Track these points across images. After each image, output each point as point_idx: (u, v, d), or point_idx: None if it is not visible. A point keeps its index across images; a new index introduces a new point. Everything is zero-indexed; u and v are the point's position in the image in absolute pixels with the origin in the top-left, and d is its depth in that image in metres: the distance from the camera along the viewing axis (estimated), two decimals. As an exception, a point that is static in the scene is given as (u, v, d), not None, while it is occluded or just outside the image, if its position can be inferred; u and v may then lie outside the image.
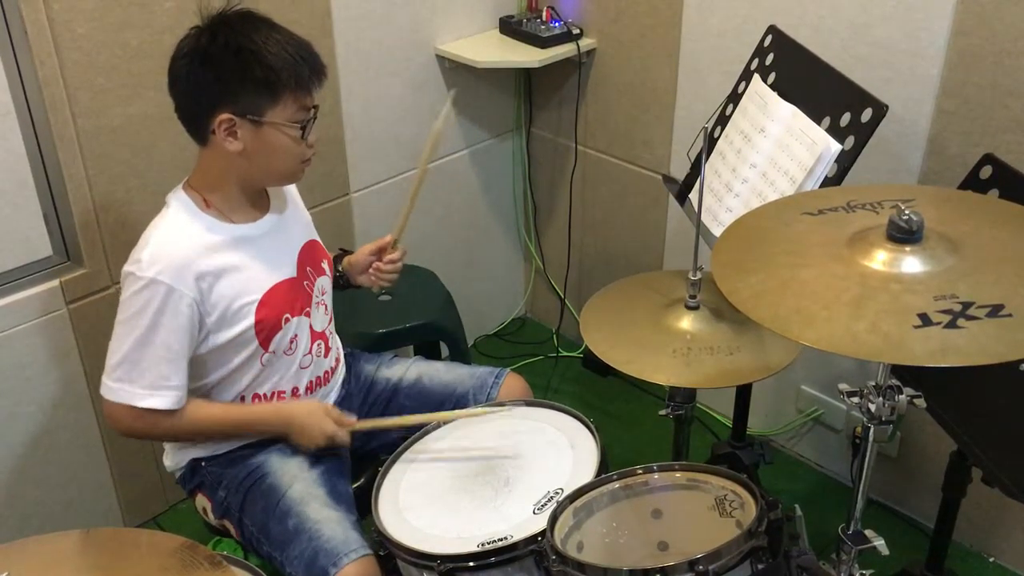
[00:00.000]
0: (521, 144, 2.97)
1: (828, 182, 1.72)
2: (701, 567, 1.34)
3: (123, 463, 2.34)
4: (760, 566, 1.40)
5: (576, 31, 2.62)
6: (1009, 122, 1.93)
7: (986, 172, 1.71)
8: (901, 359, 1.17)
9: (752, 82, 1.95)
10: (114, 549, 1.38)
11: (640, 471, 1.59)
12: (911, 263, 1.29)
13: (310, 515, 1.66)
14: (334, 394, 1.89)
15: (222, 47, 1.55)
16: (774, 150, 1.83)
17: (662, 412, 1.89)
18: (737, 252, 1.43)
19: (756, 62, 2.00)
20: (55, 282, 2.09)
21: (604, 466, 1.64)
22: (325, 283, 1.84)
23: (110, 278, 2.15)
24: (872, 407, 1.48)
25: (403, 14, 2.50)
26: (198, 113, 1.59)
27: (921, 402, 1.50)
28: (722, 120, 2.04)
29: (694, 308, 1.80)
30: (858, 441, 1.55)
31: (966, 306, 1.21)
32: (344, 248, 2.01)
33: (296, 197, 1.86)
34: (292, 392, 1.78)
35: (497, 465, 1.71)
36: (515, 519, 1.57)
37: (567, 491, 1.56)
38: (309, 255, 1.80)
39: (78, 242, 2.09)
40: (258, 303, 1.67)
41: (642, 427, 2.73)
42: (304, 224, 1.85)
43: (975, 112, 1.98)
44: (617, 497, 1.58)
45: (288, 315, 1.72)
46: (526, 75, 2.86)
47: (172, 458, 1.83)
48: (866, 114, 1.69)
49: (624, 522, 1.57)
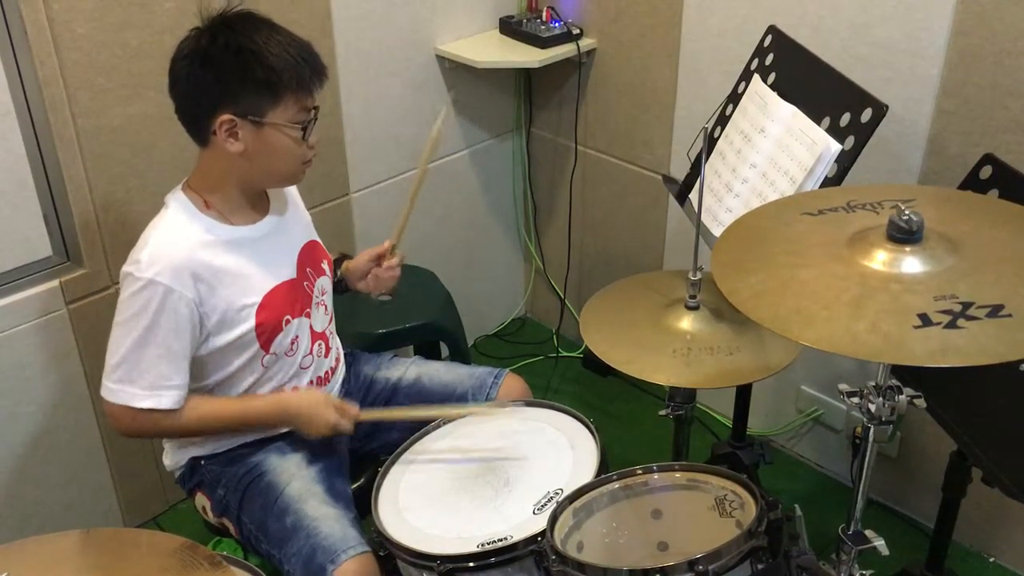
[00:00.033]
0: (521, 144, 2.97)
1: (828, 182, 1.72)
2: (701, 567, 1.34)
3: (123, 463, 2.34)
4: (760, 566, 1.40)
5: (576, 31, 2.62)
6: (1009, 122, 1.93)
7: (986, 172, 1.71)
8: (901, 359, 1.17)
9: (752, 82, 1.95)
10: (114, 549, 1.38)
11: (640, 471, 1.60)
12: (911, 263, 1.29)
13: (308, 512, 1.66)
14: (334, 394, 1.89)
15: (223, 48, 1.54)
16: (774, 150, 1.83)
17: (662, 412, 1.89)
18: (737, 252, 1.43)
19: (756, 62, 2.00)
20: (55, 282, 2.09)
21: (604, 466, 1.64)
22: (325, 283, 1.84)
23: (110, 278, 2.15)
24: (872, 407, 1.48)
25: (403, 14, 2.50)
26: (199, 114, 1.59)
27: (921, 402, 1.50)
28: (722, 120, 2.04)
29: (694, 308, 1.80)
30: (858, 441, 1.55)
31: (966, 306, 1.21)
32: (344, 253, 2.00)
33: (296, 198, 1.86)
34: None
35: (497, 465, 1.71)
36: (515, 519, 1.57)
37: (567, 491, 1.56)
38: (309, 256, 1.80)
39: (78, 242, 2.09)
40: (258, 306, 1.67)
41: (642, 427, 2.73)
42: (304, 225, 1.85)
43: (975, 112, 1.98)
44: (617, 497, 1.58)
45: (289, 316, 1.71)
46: (526, 75, 2.86)
47: (171, 457, 1.83)
48: (866, 114, 1.69)
49: (624, 522, 1.57)
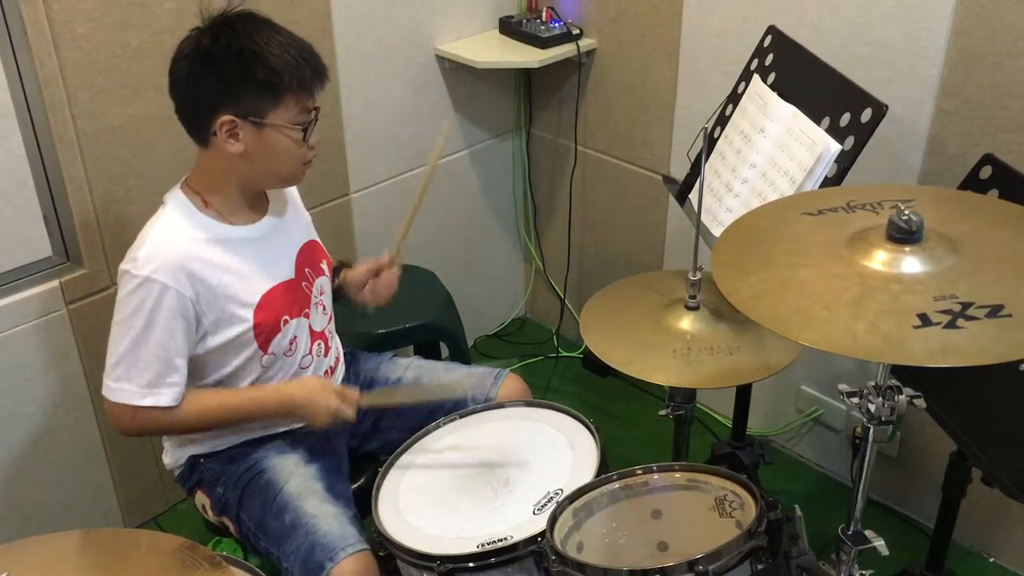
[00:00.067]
0: (521, 144, 2.97)
1: (828, 182, 1.72)
2: (701, 567, 1.34)
3: (123, 463, 2.34)
4: (760, 566, 1.40)
5: (576, 31, 2.62)
6: (1009, 122, 1.93)
7: (986, 172, 1.71)
8: (901, 359, 1.17)
9: (752, 82, 1.95)
10: (114, 549, 1.38)
11: (640, 471, 1.60)
12: (911, 263, 1.29)
13: (307, 510, 1.66)
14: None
15: (224, 48, 1.54)
16: (774, 150, 1.83)
17: (662, 412, 1.89)
18: (737, 252, 1.42)
19: (756, 62, 2.00)
20: (55, 282, 2.09)
21: (604, 466, 1.64)
22: (324, 283, 1.83)
23: (110, 278, 2.15)
24: (872, 407, 1.48)
25: (403, 14, 2.50)
26: (199, 114, 1.59)
27: (921, 402, 1.50)
28: (722, 120, 2.04)
29: (694, 308, 1.80)
30: (858, 441, 1.55)
31: (966, 306, 1.21)
32: (343, 261, 1.99)
33: (296, 198, 1.86)
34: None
35: (497, 465, 1.71)
36: (515, 519, 1.57)
37: (567, 491, 1.56)
38: (308, 256, 1.80)
39: (78, 242, 2.09)
40: (256, 307, 1.67)
41: (642, 427, 2.73)
42: (303, 225, 1.85)
43: (975, 112, 1.97)
44: (617, 497, 1.58)
45: (287, 317, 1.71)
46: (526, 75, 2.85)
47: (171, 456, 1.83)
48: (866, 114, 1.69)
49: (624, 522, 1.57)
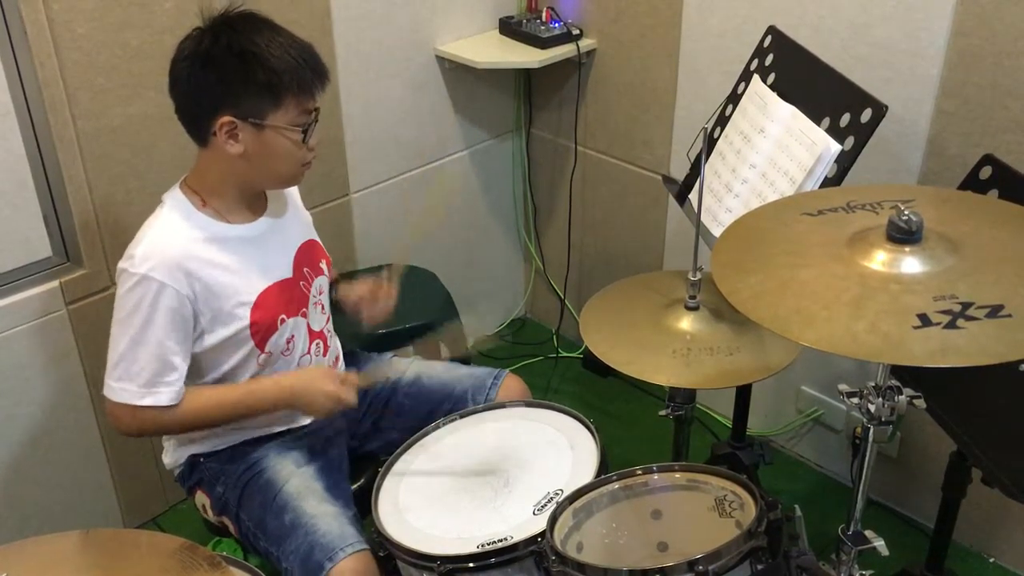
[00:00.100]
0: (521, 145, 2.97)
1: (828, 182, 1.72)
2: (701, 567, 1.34)
3: (123, 464, 2.34)
4: (760, 566, 1.40)
5: (576, 31, 2.62)
6: (1009, 122, 1.93)
7: (986, 172, 1.70)
8: (901, 359, 1.17)
9: (752, 83, 1.95)
10: (114, 550, 1.38)
11: (640, 472, 1.60)
12: (911, 263, 1.29)
13: (307, 510, 1.66)
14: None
15: (224, 49, 1.54)
16: (774, 151, 1.83)
17: (662, 413, 1.89)
18: (737, 252, 1.42)
19: (756, 63, 2.00)
20: (55, 283, 2.09)
21: (604, 467, 1.64)
22: (323, 283, 1.83)
23: (110, 279, 2.15)
24: (872, 408, 1.48)
25: (403, 14, 2.50)
26: (199, 115, 1.59)
27: (921, 402, 1.50)
28: (722, 121, 2.04)
29: (694, 308, 1.80)
30: (858, 441, 1.55)
31: (966, 306, 1.21)
32: (342, 273, 1.98)
33: (296, 198, 1.86)
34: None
35: (497, 466, 1.71)
36: (515, 520, 1.57)
37: (567, 492, 1.56)
38: (306, 255, 1.80)
39: (78, 243, 2.09)
40: (252, 305, 1.67)
41: (642, 428, 2.73)
42: (303, 225, 1.85)
43: (975, 112, 1.97)
44: (617, 498, 1.58)
45: (284, 316, 1.71)
46: (526, 76, 2.85)
47: (171, 455, 1.83)
48: (866, 114, 1.69)
49: (624, 523, 1.57)
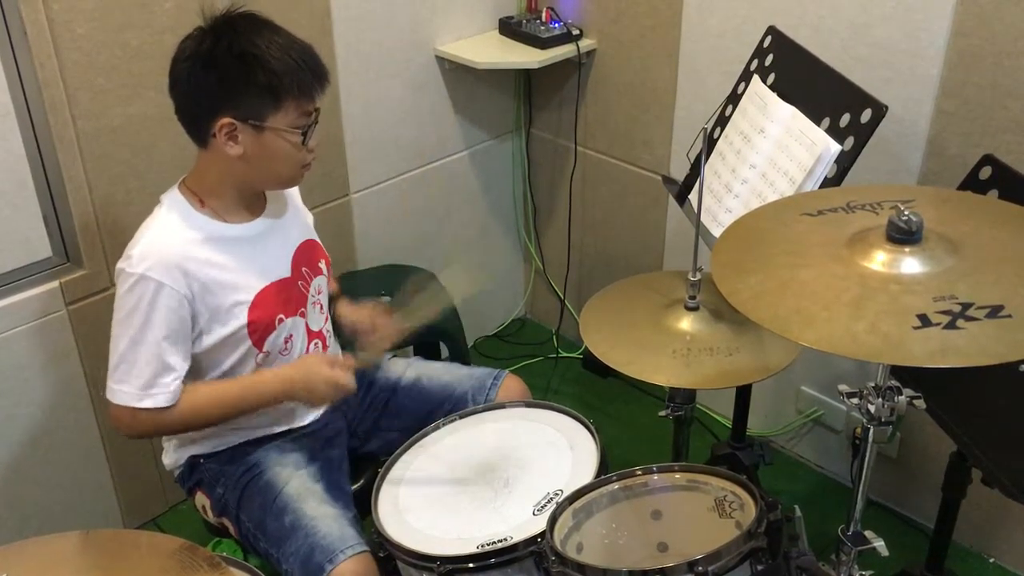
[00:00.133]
0: (521, 145, 2.97)
1: (828, 183, 1.72)
2: (701, 568, 1.34)
3: (123, 464, 2.34)
4: (760, 567, 1.40)
5: (576, 32, 2.62)
6: (1009, 122, 1.93)
7: (985, 173, 1.70)
8: (900, 360, 1.17)
9: (752, 83, 1.95)
10: (114, 550, 1.38)
11: (640, 472, 1.60)
12: (910, 264, 1.29)
13: (307, 511, 1.66)
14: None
15: (225, 51, 1.54)
16: (773, 151, 1.83)
17: (662, 413, 1.89)
18: (736, 253, 1.42)
19: (756, 63, 2.00)
20: (55, 283, 2.09)
21: (604, 467, 1.64)
22: (322, 283, 1.83)
23: (110, 279, 2.14)
24: (872, 408, 1.48)
25: (403, 15, 2.50)
26: (199, 116, 1.59)
27: (921, 403, 1.50)
28: (721, 121, 2.04)
29: (694, 309, 1.80)
30: (858, 442, 1.55)
31: (965, 307, 1.21)
32: (346, 274, 1.97)
33: (297, 199, 1.86)
34: (291, 393, 1.78)
35: (497, 466, 1.71)
36: (515, 520, 1.57)
37: (567, 492, 1.56)
38: (305, 255, 1.80)
39: (78, 243, 2.09)
40: (250, 304, 1.67)
41: (642, 428, 2.73)
42: (302, 225, 1.85)
43: (975, 113, 1.97)
44: (617, 498, 1.58)
45: (282, 316, 1.71)
46: (526, 76, 2.85)
47: (171, 456, 1.83)
48: (865, 115, 1.69)
49: (624, 523, 1.57)
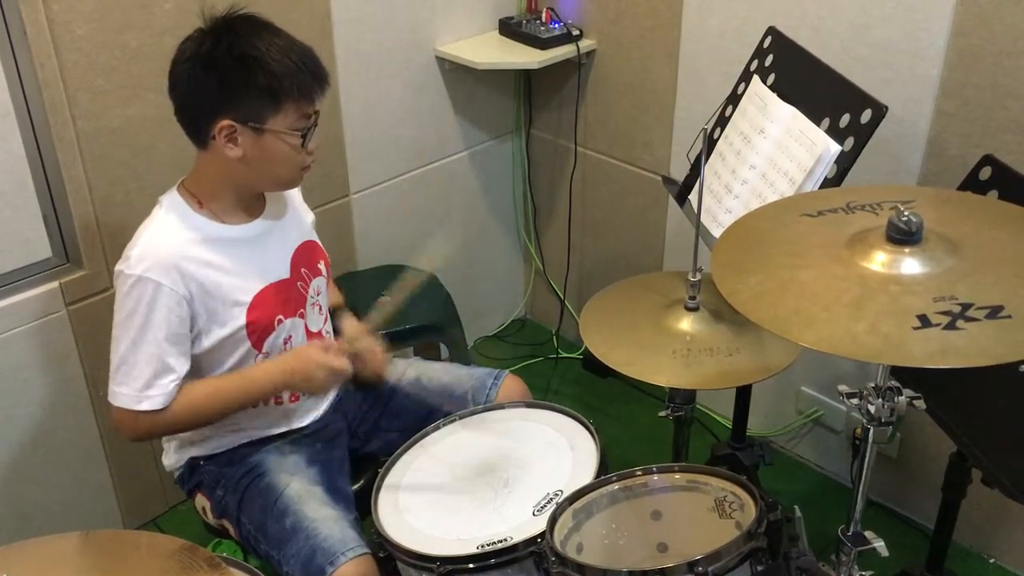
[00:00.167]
0: (521, 145, 2.97)
1: (827, 183, 1.72)
2: (701, 568, 1.34)
3: (123, 464, 2.34)
4: (760, 567, 1.40)
5: (576, 32, 2.62)
6: (1009, 123, 1.93)
7: (985, 173, 1.70)
8: (900, 360, 1.17)
9: (752, 83, 1.95)
10: (113, 551, 1.37)
11: (639, 472, 1.60)
12: (910, 264, 1.29)
13: (307, 513, 1.66)
14: (332, 394, 1.89)
15: (225, 53, 1.54)
16: (773, 151, 1.83)
17: (662, 413, 1.89)
18: (736, 253, 1.42)
19: (755, 63, 2.00)
20: (55, 284, 2.09)
21: (604, 467, 1.64)
22: (321, 284, 1.83)
23: (109, 280, 2.13)
24: (872, 408, 1.48)
25: (403, 15, 2.50)
26: (199, 117, 1.59)
27: (921, 403, 1.50)
28: (721, 121, 2.04)
29: (694, 309, 1.80)
30: (858, 442, 1.55)
31: (965, 307, 1.21)
32: (346, 294, 1.97)
33: (297, 200, 1.86)
34: (291, 395, 1.78)
35: (497, 466, 1.71)
36: (515, 520, 1.57)
37: (567, 492, 1.56)
38: (305, 256, 1.80)
39: (77, 244, 2.09)
40: (248, 306, 1.67)
41: (642, 428, 2.73)
42: (302, 226, 1.84)
43: (975, 113, 1.97)
44: (617, 498, 1.58)
45: (281, 317, 1.71)
46: (526, 76, 2.85)
47: (171, 457, 1.83)
48: (865, 115, 1.69)
49: (624, 523, 1.57)
